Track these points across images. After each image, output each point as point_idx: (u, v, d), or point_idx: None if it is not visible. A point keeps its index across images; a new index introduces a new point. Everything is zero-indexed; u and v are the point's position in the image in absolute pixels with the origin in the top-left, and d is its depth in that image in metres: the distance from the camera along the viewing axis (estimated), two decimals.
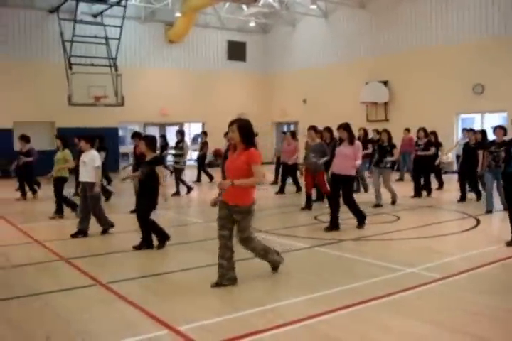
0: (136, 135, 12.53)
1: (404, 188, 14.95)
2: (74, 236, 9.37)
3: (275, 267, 6.74)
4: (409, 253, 7.90)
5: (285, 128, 29.12)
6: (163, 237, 8.51)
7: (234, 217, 6.22)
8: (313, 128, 12.48)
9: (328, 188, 11.64)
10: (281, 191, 15.44)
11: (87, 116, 23.01)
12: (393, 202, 12.84)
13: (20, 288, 6.37)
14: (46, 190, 13.99)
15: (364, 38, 25.16)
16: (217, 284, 6.17)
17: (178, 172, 15.61)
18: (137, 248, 8.29)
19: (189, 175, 18.68)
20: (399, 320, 5.06)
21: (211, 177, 19.24)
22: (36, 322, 5.22)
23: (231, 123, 6.16)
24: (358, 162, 9.76)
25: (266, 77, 30.64)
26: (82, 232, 9.44)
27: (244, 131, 6.09)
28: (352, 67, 25.56)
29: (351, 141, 9.70)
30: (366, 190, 15.23)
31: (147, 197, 8.36)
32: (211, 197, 6.66)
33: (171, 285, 6.37)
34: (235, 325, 5.01)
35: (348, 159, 9.59)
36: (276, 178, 17.83)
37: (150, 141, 8.77)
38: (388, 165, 12.68)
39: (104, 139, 14.35)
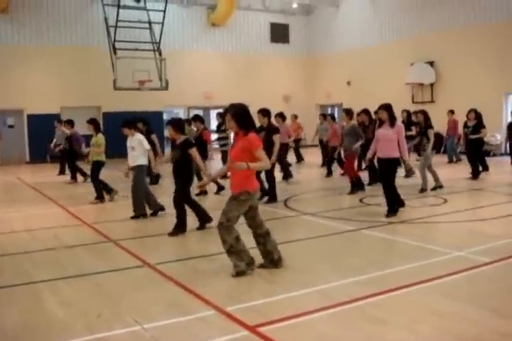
0: (195, 118, 12.86)
1: (455, 170, 14.62)
2: (134, 217, 9.57)
3: (236, 272, 5.93)
4: (457, 237, 7.77)
5: (329, 111, 28.86)
6: (205, 219, 8.53)
7: None
8: (345, 110, 12.39)
9: (356, 171, 11.58)
10: (329, 173, 15.26)
11: (132, 100, 23.25)
12: (422, 190, 11.85)
13: (71, 268, 6.53)
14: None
15: (409, 18, 24.60)
16: (262, 266, 6.21)
17: (224, 154, 15.58)
18: (172, 234, 8.19)
19: None
20: (449, 304, 4.98)
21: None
22: (87, 301, 5.34)
23: (225, 112, 6.00)
24: (405, 145, 9.19)
25: (309, 59, 30.36)
26: (142, 214, 9.63)
27: (239, 118, 5.83)
28: (397, 48, 25.08)
29: (392, 123, 9.12)
30: (409, 174, 14.72)
31: (182, 180, 8.33)
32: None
33: (218, 266, 6.40)
34: (283, 306, 5.03)
35: (390, 142, 9.06)
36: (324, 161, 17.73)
37: (177, 124, 8.63)
38: (426, 148, 11.94)
39: (148, 122, 14.33)
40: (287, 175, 14.35)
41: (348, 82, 27.91)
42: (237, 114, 5.85)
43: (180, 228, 8.27)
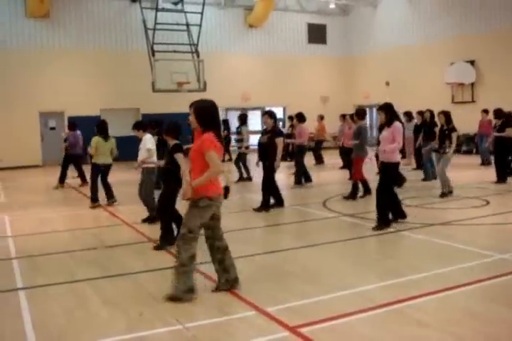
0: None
1: (491, 172, 14.28)
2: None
3: (171, 297, 5.28)
4: (500, 239, 7.65)
5: (368, 112, 28.62)
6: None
7: None
8: (356, 111, 12.18)
9: (362, 175, 11.32)
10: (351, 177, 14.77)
11: (170, 102, 23.42)
12: (443, 194, 11.29)
13: (113, 268, 6.65)
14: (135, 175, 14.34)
15: (449, 16, 24.24)
16: (217, 289, 5.60)
17: (239, 157, 15.41)
18: (157, 248, 7.58)
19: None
20: (490, 308, 4.92)
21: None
22: (129, 299, 5.42)
23: (190, 106, 5.54)
24: (394, 145, 8.34)
25: (347, 59, 30.18)
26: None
27: (200, 113, 5.38)
28: (436, 47, 24.74)
29: (389, 123, 8.48)
30: (428, 178, 14.12)
31: (168, 186, 7.86)
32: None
33: (257, 266, 6.43)
34: (323, 307, 5.02)
35: (386, 144, 8.42)
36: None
37: (168, 128, 8.04)
38: (447, 151, 11.30)
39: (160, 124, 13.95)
40: (306, 179, 13.91)
41: (386, 82, 27.64)
42: (201, 108, 5.42)
43: (165, 240, 7.66)
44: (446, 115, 11.57)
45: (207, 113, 5.43)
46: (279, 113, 29.15)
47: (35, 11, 22.47)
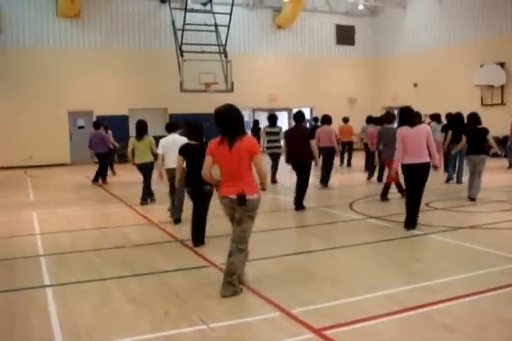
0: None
1: None
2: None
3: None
4: None
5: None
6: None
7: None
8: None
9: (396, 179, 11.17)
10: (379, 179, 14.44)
11: (198, 102, 23.53)
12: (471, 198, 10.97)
13: (140, 266, 6.69)
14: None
15: (479, 17, 23.98)
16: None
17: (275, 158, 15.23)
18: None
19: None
20: None
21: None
22: (155, 298, 5.45)
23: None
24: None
25: (375, 61, 30.01)
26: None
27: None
28: (466, 49, 24.48)
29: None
30: (450, 179, 14.17)
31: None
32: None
33: (284, 268, 6.41)
34: (349, 309, 4.99)
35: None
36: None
37: (191, 129, 8.22)
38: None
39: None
40: (325, 181, 13.89)
41: (414, 83, 27.42)
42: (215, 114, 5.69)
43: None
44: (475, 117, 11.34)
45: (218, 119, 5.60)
46: (306, 114, 29.15)
47: (66, 11, 22.80)
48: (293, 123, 11.28)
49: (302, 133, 10.78)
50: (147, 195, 11.73)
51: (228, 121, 5.50)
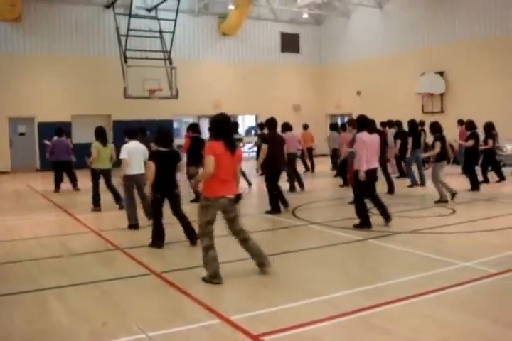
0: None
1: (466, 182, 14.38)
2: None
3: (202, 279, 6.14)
4: (465, 247, 7.72)
5: (339, 121, 28.76)
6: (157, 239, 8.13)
7: None
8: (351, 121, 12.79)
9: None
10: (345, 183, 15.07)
11: (142, 109, 23.30)
12: (441, 201, 11.63)
13: (78, 276, 6.55)
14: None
15: (420, 28, 24.60)
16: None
17: None
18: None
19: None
20: (453, 314, 4.97)
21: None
22: (93, 308, 5.35)
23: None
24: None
25: (320, 68, 30.38)
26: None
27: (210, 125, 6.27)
28: (407, 58, 25.07)
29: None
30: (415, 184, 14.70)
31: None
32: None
33: (223, 275, 6.39)
34: (288, 315, 5.02)
35: None
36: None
37: (158, 136, 8.30)
38: (434, 159, 11.85)
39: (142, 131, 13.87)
40: (300, 186, 14.18)
41: (358, 91, 27.90)
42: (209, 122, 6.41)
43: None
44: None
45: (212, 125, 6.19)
46: (251, 121, 29.34)
47: (5, 15, 22.15)
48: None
49: (282, 139, 11.39)
50: (118, 199, 11.59)
51: (231, 128, 6.25)
